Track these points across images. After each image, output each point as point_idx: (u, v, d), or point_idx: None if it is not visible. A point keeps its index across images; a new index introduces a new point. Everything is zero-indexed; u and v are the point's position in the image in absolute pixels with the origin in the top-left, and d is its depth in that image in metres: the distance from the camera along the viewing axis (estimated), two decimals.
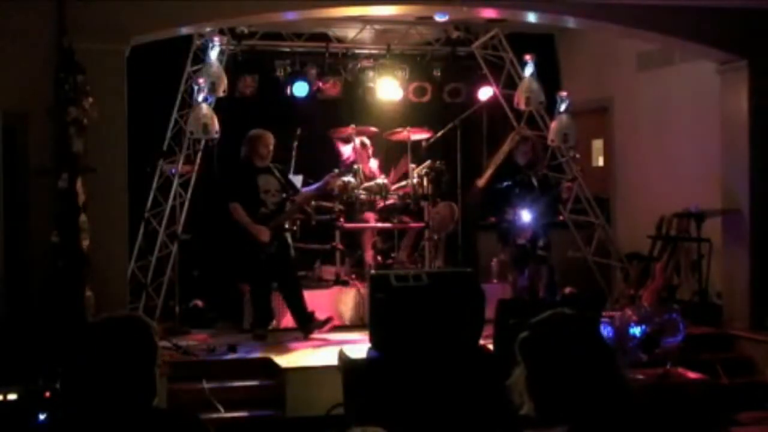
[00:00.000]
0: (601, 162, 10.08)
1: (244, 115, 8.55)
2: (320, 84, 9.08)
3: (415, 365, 5.01)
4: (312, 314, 7.35)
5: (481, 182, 7.61)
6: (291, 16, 7.39)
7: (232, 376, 6.42)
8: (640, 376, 5.95)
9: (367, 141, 8.56)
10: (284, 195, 7.42)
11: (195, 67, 8.20)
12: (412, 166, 8.38)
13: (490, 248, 8.58)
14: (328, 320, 7.34)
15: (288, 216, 7.41)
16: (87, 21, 6.31)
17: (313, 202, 7.93)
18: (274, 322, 7.55)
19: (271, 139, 7.41)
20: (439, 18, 7.79)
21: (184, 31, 7.23)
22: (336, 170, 7.84)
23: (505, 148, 7.56)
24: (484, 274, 8.35)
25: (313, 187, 7.76)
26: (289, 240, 7.47)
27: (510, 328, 5.52)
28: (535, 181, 7.44)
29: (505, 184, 7.37)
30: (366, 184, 8.22)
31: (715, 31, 7.44)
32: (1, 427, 4.53)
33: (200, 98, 7.62)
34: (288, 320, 7.61)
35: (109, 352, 2.48)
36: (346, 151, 8.55)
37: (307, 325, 7.29)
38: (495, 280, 8.30)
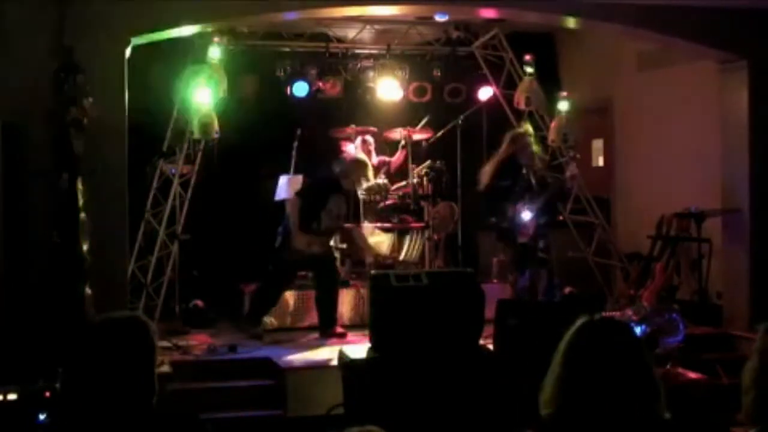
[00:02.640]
0: (601, 162, 10.07)
1: (244, 115, 8.56)
2: (320, 84, 9.07)
3: (415, 365, 5.02)
4: (335, 321, 7.41)
5: (482, 185, 7.53)
6: (291, 16, 7.39)
7: (232, 376, 6.42)
8: None
9: (369, 138, 8.62)
10: (340, 222, 7.62)
11: (195, 67, 8.18)
12: (412, 166, 8.38)
13: (490, 248, 8.58)
14: (343, 335, 7.36)
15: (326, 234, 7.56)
16: (87, 21, 6.31)
17: None
18: (275, 322, 7.55)
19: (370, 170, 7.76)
20: (439, 18, 7.80)
21: (184, 31, 7.22)
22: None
23: (508, 149, 7.46)
24: (484, 274, 8.35)
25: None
26: (332, 242, 7.68)
27: (510, 328, 5.53)
28: (533, 179, 7.42)
29: (505, 183, 7.36)
30: (366, 185, 8.22)
31: (715, 31, 7.44)
32: (1, 427, 4.53)
33: (200, 98, 7.62)
34: (288, 320, 7.61)
35: (108, 352, 2.48)
36: (350, 149, 8.58)
37: (326, 330, 7.33)
38: (495, 280, 8.29)
